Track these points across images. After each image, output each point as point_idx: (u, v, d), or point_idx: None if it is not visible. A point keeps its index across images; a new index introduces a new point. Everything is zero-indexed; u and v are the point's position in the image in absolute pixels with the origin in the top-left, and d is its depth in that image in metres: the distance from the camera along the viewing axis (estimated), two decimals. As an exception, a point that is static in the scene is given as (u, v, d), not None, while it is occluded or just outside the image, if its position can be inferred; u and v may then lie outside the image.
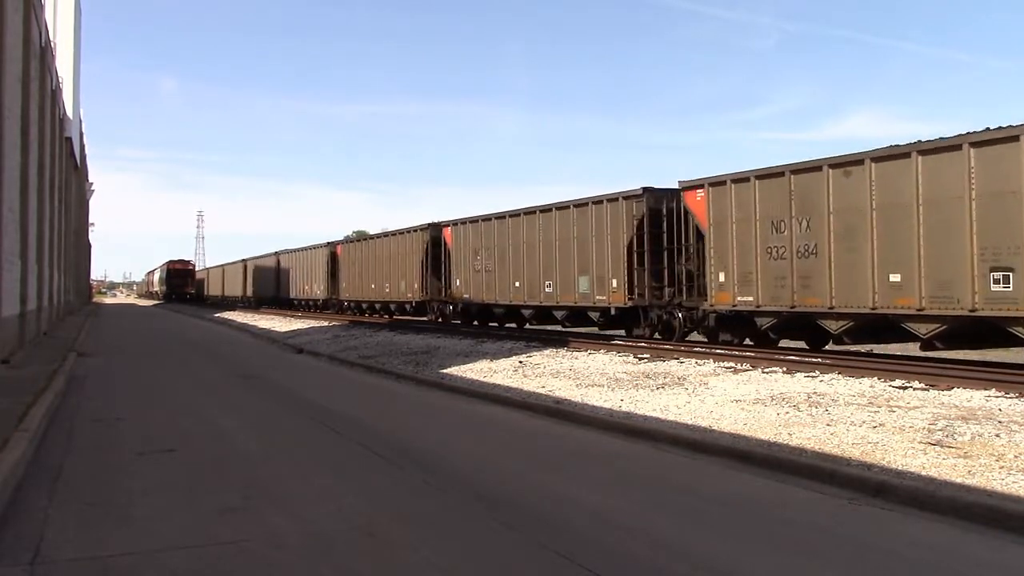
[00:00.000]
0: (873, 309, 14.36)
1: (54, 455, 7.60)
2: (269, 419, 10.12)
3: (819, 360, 14.38)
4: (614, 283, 21.18)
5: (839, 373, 12.93)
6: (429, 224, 32.14)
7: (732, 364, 14.56)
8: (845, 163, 15.06)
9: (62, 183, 31.76)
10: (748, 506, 5.90)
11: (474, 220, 28.34)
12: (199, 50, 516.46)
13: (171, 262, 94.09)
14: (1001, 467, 6.63)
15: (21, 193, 17.70)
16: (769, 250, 16.63)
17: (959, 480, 6.24)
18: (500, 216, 26.59)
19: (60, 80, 31.30)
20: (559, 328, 24.27)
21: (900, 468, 6.67)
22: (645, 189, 20.44)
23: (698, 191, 18.55)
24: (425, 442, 8.46)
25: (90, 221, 73.29)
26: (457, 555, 4.82)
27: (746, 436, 8.21)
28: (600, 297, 21.58)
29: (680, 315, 19.31)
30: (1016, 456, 7.00)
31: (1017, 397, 10.29)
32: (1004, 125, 12.63)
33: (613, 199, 21.26)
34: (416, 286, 32.64)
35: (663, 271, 19.94)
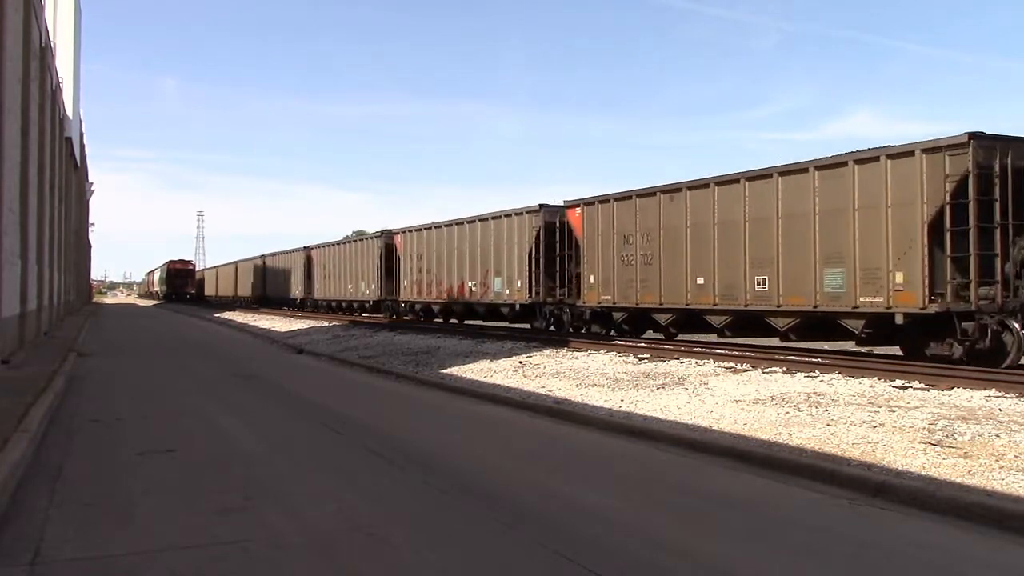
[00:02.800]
0: (687, 305, 18.55)
1: (54, 455, 7.60)
2: (269, 419, 10.11)
3: (819, 360, 14.39)
4: (519, 283, 25.68)
5: (839, 373, 12.94)
6: (383, 231, 35.87)
7: (732, 364, 14.57)
8: (670, 190, 19.25)
9: (62, 183, 31.75)
10: (748, 506, 5.90)
11: (417, 229, 31.99)
12: (199, 50, 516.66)
13: (171, 262, 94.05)
14: (1001, 467, 6.63)
15: (21, 193, 17.69)
16: (622, 258, 20.71)
17: (959, 480, 6.24)
18: (438, 226, 30.40)
19: (60, 80, 31.29)
20: (480, 322, 28.41)
21: (900, 468, 6.67)
22: (542, 206, 24.84)
23: (576, 209, 22.89)
24: (425, 442, 8.46)
25: (90, 221, 73.29)
26: (457, 555, 4.82)
27: (746, 436, 8.21)
28: (509, 295, 25.90)
29: (568, 311, 23.05)
30: (1016, 456, 7.00)
31: (1017, 397, 10.29)
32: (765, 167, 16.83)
33: (518, 213, 25.59)
34: (373, 287, 36.49)
35: (556, 274, 23.79)
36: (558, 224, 23.52)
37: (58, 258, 30.63)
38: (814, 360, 14.40)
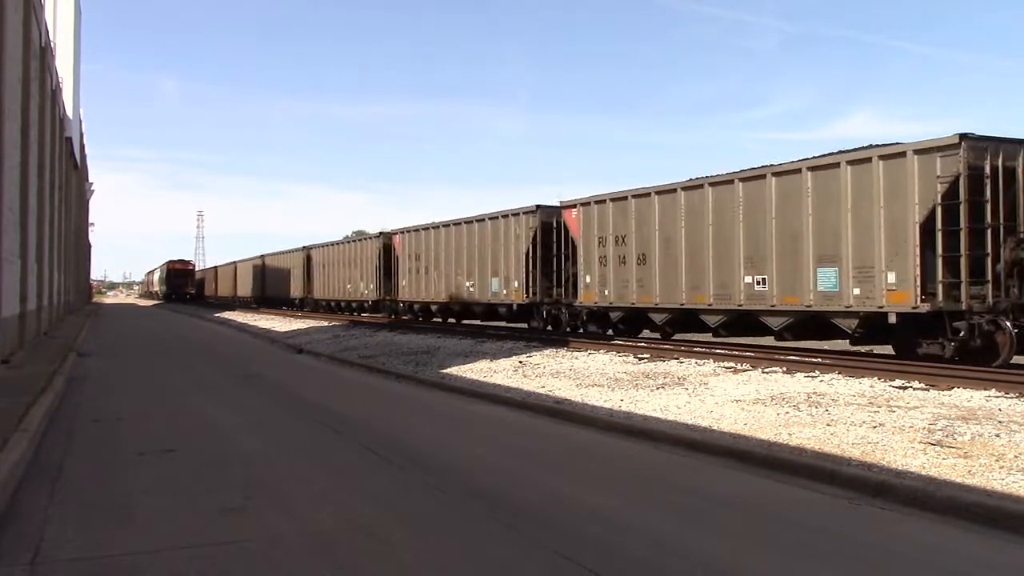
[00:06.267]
0: (682, 305, 18.74)
1: (54, 455, 7.60)
2: (269, 419, 10.11)
3: (819, 360, 14.39)
4: (516, 284, 25.88)
5: (839, 373, 12.94)
6: (380, 232, 36.46)
7: (732, 364, 14.57)
8: (665, 191, 19.37)
9: (62, 183, 31.74)
10: (748, 506, 5.90)
11: (415, 229, 32.26)
12: (199, 50, 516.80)
13: (171, 262, 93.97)
14: (1001, 467, 6.63)
15: (21, 193, 17.69)
16: (618, 258, 20.95)
17: (959, 480, 6.24)
18: (435, 226, 30.68)
19: (60, 80, 31.28)
20: (478, 322, 28.72)
21: (900, 468, 6.67)
22: (538, 206, 25.00)
23: (572, 209, 22.95)
24: (425, 442, 8.46)
25: (90, 221, 73.30)
26: (457, 555, 4.82)
27: (746, 436, 8.21)
28: (506, 295, 26.09)
29: (565, 310, 23.08)
30: (1016, 456, 7.00)
31: (1017, 397, 10.29)
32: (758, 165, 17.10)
33: (515, 214, 25.79)
34: (372, 287, 36.82)
35: (553, 274, 24.06)
36: (555, 224, 23.74)
37: (58, 258, 30.63)
38: (814, 360, 14.39)
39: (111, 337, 27.69)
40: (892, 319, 14.16)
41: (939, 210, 13.35)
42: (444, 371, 15.15)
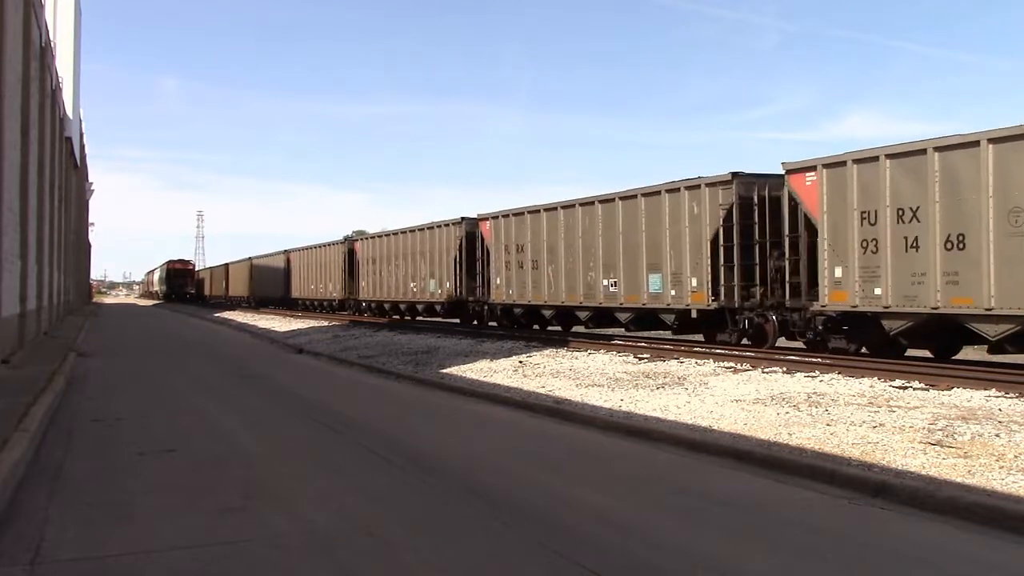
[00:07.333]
0: (562, 303, 22.41)
1: (54, 455, 7.60)
2: (269, 419, 10.11)
3: (819, 360, 14.40)
4: (447, 284, 28.20)
5: (839, 373, 12.94)
6: (345, 238, 41.42)
7: (732, 364, 14.57)
8: (550, 209, 22.89)
9: (62, 183, 31.73)
10: (748, 506, 5.89)
11: (371, 237, 37.09)
12: (199, 50, 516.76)
13: (171, 262, 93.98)
14: (1001, 467, 6.63)
15: (21, 193, 17.68)
16: (519, 263, 23.88)
17: (959, 480, 6.24)
18: (387, 234, 34.68)
19: (60, 80, 31.26)
20: (421, 318, 32.22)
21: (900, 468, 6.67)
22: (463, 218, 27.51)
23: (487, 222, 25.51)
24: (425, 442, 8.46)
25: (90, 221, 73.24)
26: (457, 554, 4.82)
27: (746, 436, 8.21)
28: (440, 294, 28.93)
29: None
30: (1016, 456, 7.00)
31: (1017, 397, 10.29)
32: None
33: (446, 224, 28.24)
34: (340, 287, 41.00)
35: (477, 275, 26.69)
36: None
37: (58, 258, 30.62)
38: (814, 360, 14.40)
39: (111, 337, 27.69)
40: (694, 314, 18.31)
41: (721, 230, 17.48)
42: (444, 371, 15.15)
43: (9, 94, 15.41)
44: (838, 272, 14.96)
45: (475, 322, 28.02)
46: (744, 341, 17.65)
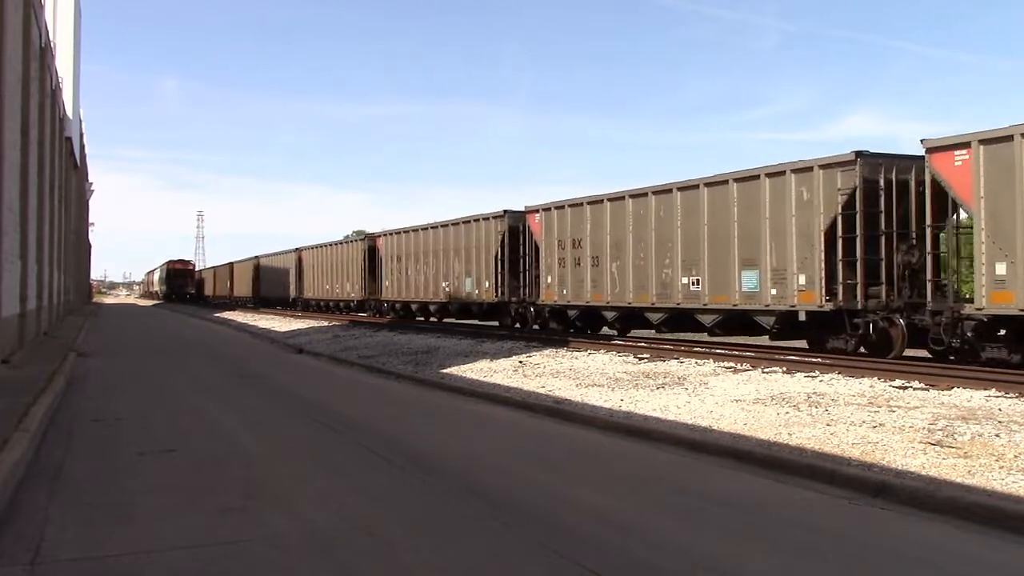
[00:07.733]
0: (629, 304, 19.73)
1: (54, 455, 7.60)
2: (269, 419, 10.11)
3: (819, 360, 14.40)
4: (487, 284, 25.43)
5: (839, 373, 12.94)
6: (365, 235, 38.93)
7: (732, 364, 14.58)
8: (616, 198, 20.11)
9: (62, 183, 31.73)
10: (748, 506, 5.89)
11: (397, 232, 33.75)
12: (199, 51, 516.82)
13: (171, 262, 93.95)
14: (1001, 467, 6.63)
15: (21, 193, 17.67)
16: (575, 259, 20.82)
17: (959, 480, 6.24)
18: (415, 229, 31.69)
19: (60, 80, 31.26)
20: (453, 320, 29.23)
21: (900, 468, 6.67)
22: (506, 211, 24.56)
23: (536, 214, 22.47)
24: (425, 442, 8.46)
25: (90, 221, 73.26)
26: (457, 555, 4.82)
27: (746, 436, 8.21)
28: (478, 295, 26.19)
29: (532, 309, 19.26)
30: (1016, 456, 7.00)
31: (1017, 397, 10.29)
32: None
33: (485, 218, 25.74)
34: (359, 287, 38.40)
35: (520, 274, 23.89)
36: (521, 228, 24.35)
37: (58, 258, 30.61)
38: (814, 360, 14.40)
39: (111, 337, 27.68)
40: (802, 317, 15.71)
41: (839, 219, 14.94)
42: (444, 371, 15.15)
43: (9, 94, 15.41)
44: (1000, 269, 12.40)
45: (518, 325, 25.27)
46: (861, 349, 15.15)
